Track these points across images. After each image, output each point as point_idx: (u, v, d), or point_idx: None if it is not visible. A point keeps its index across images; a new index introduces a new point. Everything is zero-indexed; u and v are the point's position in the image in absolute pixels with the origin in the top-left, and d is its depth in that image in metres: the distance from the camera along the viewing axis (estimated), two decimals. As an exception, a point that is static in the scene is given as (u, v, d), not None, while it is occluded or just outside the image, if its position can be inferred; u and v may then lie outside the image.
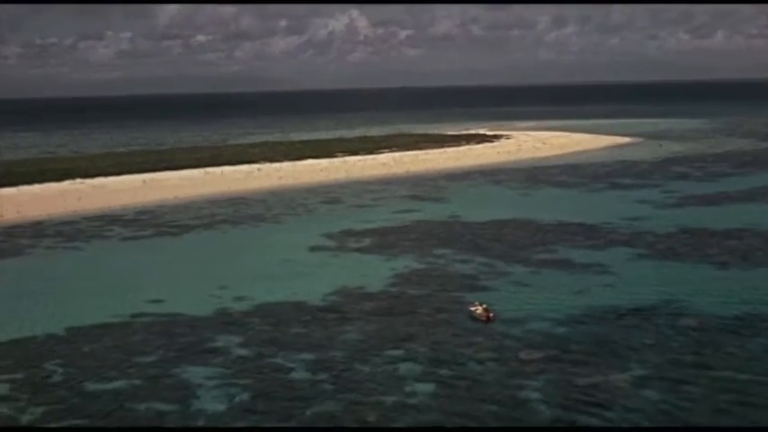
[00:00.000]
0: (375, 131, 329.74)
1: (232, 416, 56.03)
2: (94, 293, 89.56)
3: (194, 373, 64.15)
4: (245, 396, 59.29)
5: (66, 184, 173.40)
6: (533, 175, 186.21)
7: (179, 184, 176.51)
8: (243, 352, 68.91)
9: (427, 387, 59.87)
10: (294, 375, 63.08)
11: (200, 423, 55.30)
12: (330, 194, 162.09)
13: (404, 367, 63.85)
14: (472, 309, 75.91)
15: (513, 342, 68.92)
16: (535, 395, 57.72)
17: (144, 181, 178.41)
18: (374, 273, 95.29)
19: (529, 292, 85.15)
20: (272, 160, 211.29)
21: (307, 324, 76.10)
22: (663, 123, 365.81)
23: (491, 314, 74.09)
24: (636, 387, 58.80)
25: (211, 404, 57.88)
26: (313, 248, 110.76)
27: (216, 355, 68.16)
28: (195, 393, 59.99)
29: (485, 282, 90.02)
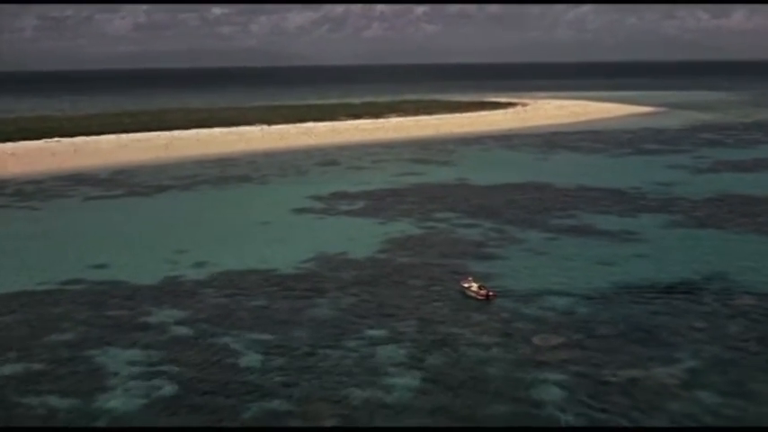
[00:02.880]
0: (383, 99, 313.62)
1: (142, 417, 41.63)
2: (27, 257, 75.49)
3: (114, 356, 49.96)
4: (168, 389, 45.02)
5: (42, 142, 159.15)
6: (550, 140, 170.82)
7: (166, 143, 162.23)
8: (183, 331, 54.59)
9: (411, 380, 45.45)
10: (240, 361, 48.72)
11: (99, 424, 40.90)
12: (327, 157, 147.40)
13: (383, 353, 49.40)
14: (465, 285, 60.87)
15: (525, 323, 54.33)
16: (554, 395, 43.20)
17: (128, 140, 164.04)
18: (362, 238, 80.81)
19: (544, 261, 70.47)
20: (270, 122, 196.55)
21: (271, 296, 61.69)
22: (686, 95, 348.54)
23: (490, 292, 59.15)
24: (689, 386, 44.22)
25: (121, 400, 43.65)
26: (297, 210, 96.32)
27: (148, 334, 53.87)
28: (106, 384, 45.79)
29: (492, 249, 75.37)
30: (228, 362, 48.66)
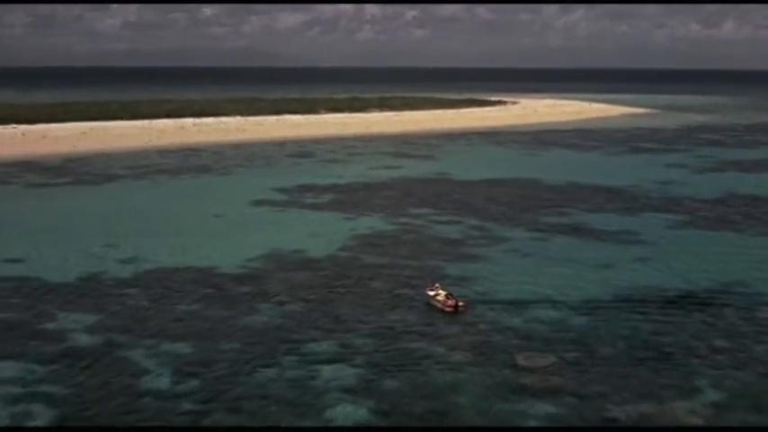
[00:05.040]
0: (368, 96, 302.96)
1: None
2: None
3: (-12, 371, 39.26)
4: (40, 418, 34.47)
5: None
6: (541, 137, 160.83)
7: (130, 133, 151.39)
8: (86, 340, 44.17)
9: (359, 411, 35.27)
10: (144, 383, 38.31)
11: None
12: (301, 149, 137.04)
13: (327, 375, 39.05)
14: (430, 293, 50.20)
15: (507, 338, 44.09)
16: (541, 436, 32.74)
17: (89, 129, 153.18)
18: (325, 234, 70.51)
19: (532, 264, 60.31)
20: (244, 114, 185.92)
21: (203, 300, 51.26)
22: (681, 99, 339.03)
23: (461, 303, 48.50)
24: (716, 424, 33.83)
25: (-28, 433, 32.98)
26: (256, 203, 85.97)
27: (41, 344, 43.46)
28: (-38, 409, 35.09)
29: (472, 249, 65.17)
30: (129, 383, 38.22)
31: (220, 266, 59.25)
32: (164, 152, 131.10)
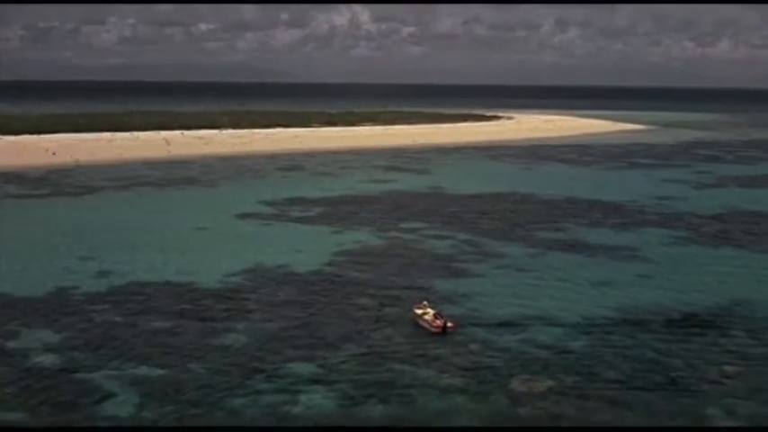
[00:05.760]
0: (362, 110, 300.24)
1: None
2: None
3: (-68, 395, 35.89)
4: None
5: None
6: (537, 152, 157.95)
7: (120, 145, 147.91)
8: (46, 360, 40.91)
9: (336, 442, 31.70)
10: (101, 411, 35.01)
11: None
12: (292, 162, 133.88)
13: (304, 401, 35.79)
14: (418, 311, 46.90)
15: (501, 360, 40.84)
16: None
17: (75, 140, 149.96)
18: (311, 248, 67.30)
19: (527, 281, 57.15)
20: (236, 126, 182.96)
21: (177, 317, 47.99)
22: (677, 116, 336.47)
23: (449, 323, 45.17)
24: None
25: None
26: (241, 216, 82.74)
27: (-4, 364, 39.91)
28: None
29: (464, 264, 62.01)
30: (86, 409, 35.03)
31: (198, 282, 56.01)
32: (150, 164, 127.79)
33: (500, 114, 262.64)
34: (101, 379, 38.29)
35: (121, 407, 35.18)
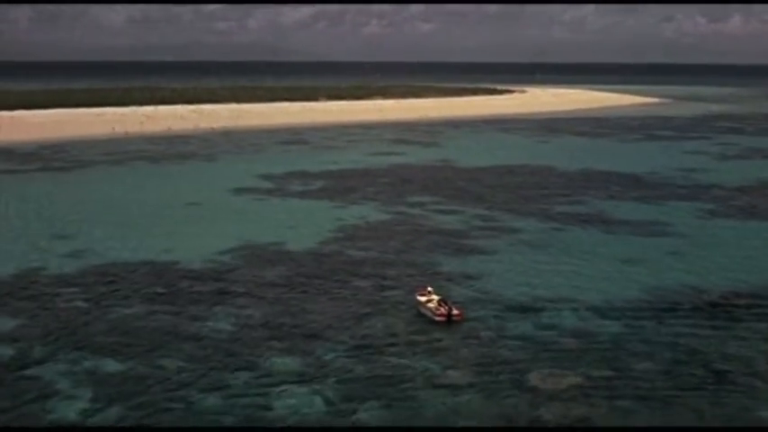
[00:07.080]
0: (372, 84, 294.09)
1: None
2: None
3: None
4: None
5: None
6: (550, 125, 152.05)
7: (117, 119, 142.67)
8: (-6, 352, 35.41)
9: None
10: (48, 409, 29.72)
11: None
12: (296, 136, 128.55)
13: (289, 400, 30.48)
14: (421, 298, 40.93)
15: (516, 351, 35.35)
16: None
17: (71, 115, 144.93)
18: (309, 225, 61.97)
19: (545, 259, 51.63)
20: (239, 101, 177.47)
21: (153, 301, 42.68)
22: (693, 89, 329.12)
23: (455, 311, 39.34)
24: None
25: None
26: (237, 190, 77.49)
27: (-65, 358, 34.68)
28: None
29: (475, 241, 56.48)
30: (31, 410, 29.66)
31: (182, 261, 50.74)
32: (148, 138, 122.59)
33: (512, 88, 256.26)
34: (52, 374, 33.12)
35: (69, 407, 30.04)
